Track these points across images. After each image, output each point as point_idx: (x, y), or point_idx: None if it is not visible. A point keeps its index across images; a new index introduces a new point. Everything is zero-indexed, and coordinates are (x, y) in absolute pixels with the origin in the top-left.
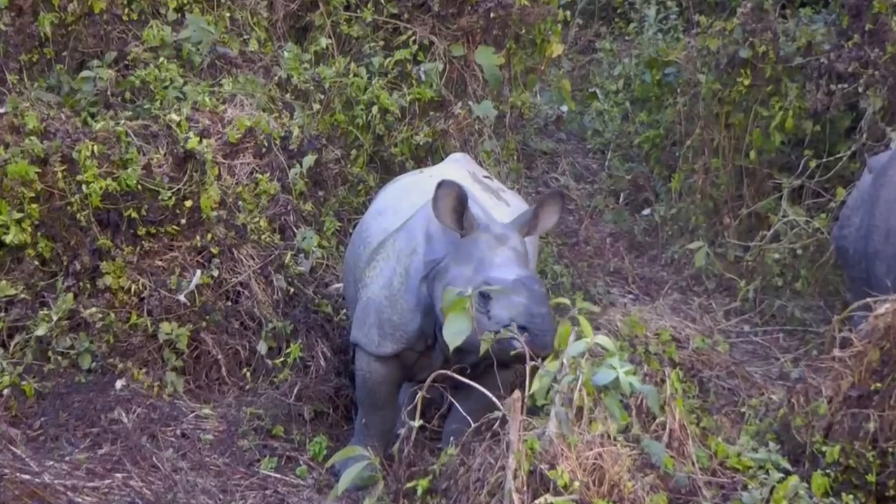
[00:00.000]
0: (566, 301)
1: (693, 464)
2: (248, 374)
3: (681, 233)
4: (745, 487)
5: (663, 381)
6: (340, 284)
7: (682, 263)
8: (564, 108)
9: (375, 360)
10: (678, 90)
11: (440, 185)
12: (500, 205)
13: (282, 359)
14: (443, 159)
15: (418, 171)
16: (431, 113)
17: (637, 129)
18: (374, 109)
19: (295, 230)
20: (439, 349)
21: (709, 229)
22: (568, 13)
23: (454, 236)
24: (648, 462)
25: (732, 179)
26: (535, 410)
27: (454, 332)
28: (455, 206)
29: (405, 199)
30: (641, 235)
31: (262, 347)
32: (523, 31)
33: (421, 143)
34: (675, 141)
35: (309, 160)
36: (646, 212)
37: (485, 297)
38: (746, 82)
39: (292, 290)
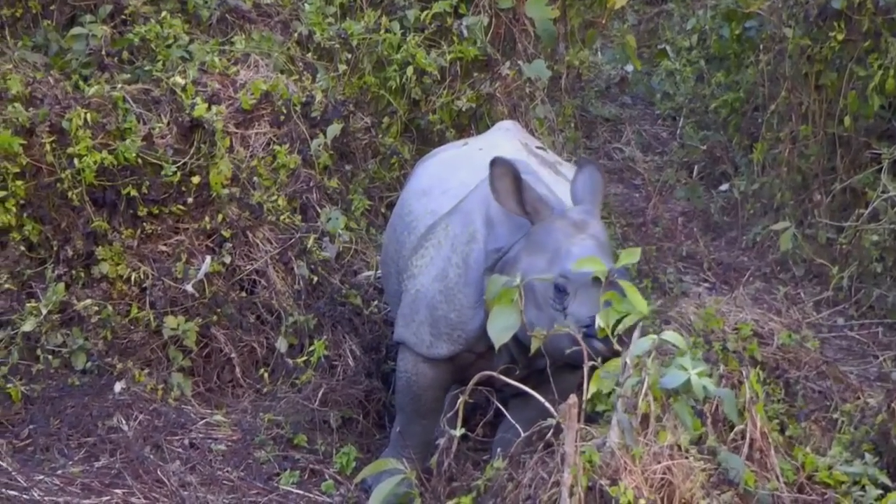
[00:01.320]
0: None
1: (777, 478)
2: (266, 375)
3: (764, 211)
4: None
5: (742, 383)
6: (371, 273)
7: (766, 247)
8: (629, 68)
9: (424, 363)
10: (761, 46)
11: (494, 163)
12: (559, 181)
13: (304, 358)
14: (488, 128)
15: (461, 142)
16: (475, 74)
17: (713, 92)
18: (409, 70)
19: (318, 210)
20: (506, 351)
21: (796, 207)
22: None
23: (520, 221)
24: (725, 477)
25: (824, 150)
26: (594, 418)
27: (500, 329)
28: (514, 187)
29: (453, 177)
30: (718, 214)
31: (281, 345)
32: None
33: (463, 110)
34: (758, 105)
35: (334, 129)
36: (723, 187)
37: (560, 292)
38: (840, 37)
39: (316, 278)
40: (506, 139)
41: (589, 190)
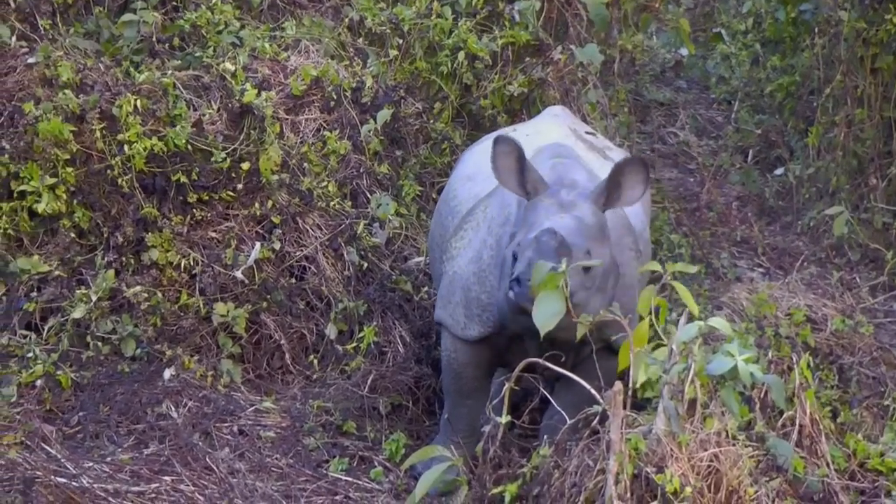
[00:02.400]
0: (656, 266)
1: (827, 465)
2: (315, 361)
3: (819, 196)
4: (888, 493)
5: (792, 369)
6: (422, 258)
7: (821, 231)
8: (684, 52)
9: (461, 343)
10: (816, 29)
11: (496, 141)
12: (606, 165)
13: (354, 344)
14: (540, 112)
15: (511, 128)
16: (527, 59)
17: (769, 76)
18: (461, 55)
19: (369, 196)
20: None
21: (852, 192)
22: None
23: None
24: (774, 464)
25: (880, 133)
26: (640, 405)
27: (546, 315)
28: (517, 167)
29: None
30: (773, 199)
31: (330, 331)
32: None
33: (515, 94)
34: (813, 89)
35: (385, 115)
36: (778, 171)
37: (514, 259)
38: None
39: (366, 264)
40: (554, 124)
41: (612, 182)
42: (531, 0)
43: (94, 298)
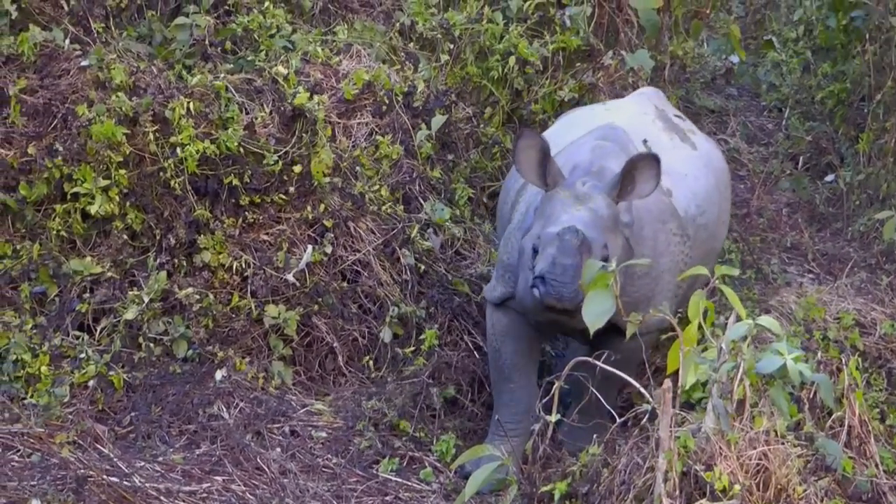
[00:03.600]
0: (703, 270)
1: (876, 466)
2: (371, 363)
3: (870, 202)
4: None
5: (841, 370)
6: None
7: (871, 238)
8: (735, 59)
9: (497, 311)
10: (868, 36)
11: (520, 135)
12: (683, 147)
13: (412, 348)
14: None
15: (601, 104)
16: (578, 64)
17: (819, 83)
18: (512, 60)
19: (422, 201)
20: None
21: None
22: None
23: None
24: (823, 463)
25: None
26: (689, 403)
27: (595, 313)
28: (539, 160)
29: (568, 134)
30: (824, 205)
31: (385, 334)
32: None
33: (566, 99)
34: (864, 96)
35: (438, 120)
36: (829, 178)
37: (535, 253)
38: None
39: (423, 267)
40: (635, 102)
41: (624, 175)
42: (582, 6)
43: (146, 300)
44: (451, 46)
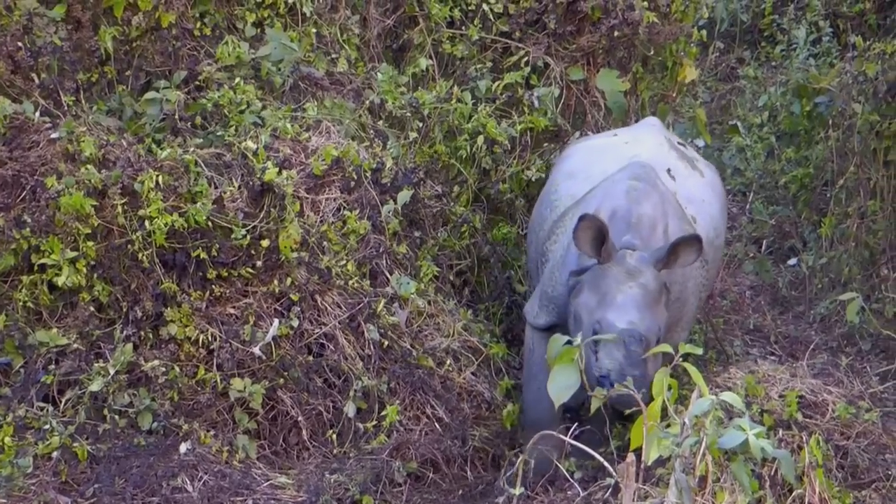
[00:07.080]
0: (668, 348)
1: None
2: (334, 437)
3: (832, 286)
4: None
5: (801, 448)
6: (442, 340)
7: (833, 321)
8: (700, 143)
9: (536, 334)
10: (831, 122)
11: (582, 218)
12: (694, 174)
13: (374, 422)
14: None
15: (612, 132)
16: (545, 144)
17: (783, 168)
18: (480, 140)
19: (388, 276)
20: None
21: (864, 282)
22: (704, 33)
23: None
24: None
25: (892, 225)
26: (651, 477)
27: (560, 388)
28: (596, 237)
29: (598, 164)
30: (786, 289)
31: (349, 409)
32: (652, 52)
33: (533, 179)
34: (827, 181)
35: (404, 196)
36: (792, 262)
37: (596, 335)
38: None
39: (386, 342)
40: (650, 135)
41: (672, 249)
42: (550, 87)
43: (111, 372)
44: (420, 125)
